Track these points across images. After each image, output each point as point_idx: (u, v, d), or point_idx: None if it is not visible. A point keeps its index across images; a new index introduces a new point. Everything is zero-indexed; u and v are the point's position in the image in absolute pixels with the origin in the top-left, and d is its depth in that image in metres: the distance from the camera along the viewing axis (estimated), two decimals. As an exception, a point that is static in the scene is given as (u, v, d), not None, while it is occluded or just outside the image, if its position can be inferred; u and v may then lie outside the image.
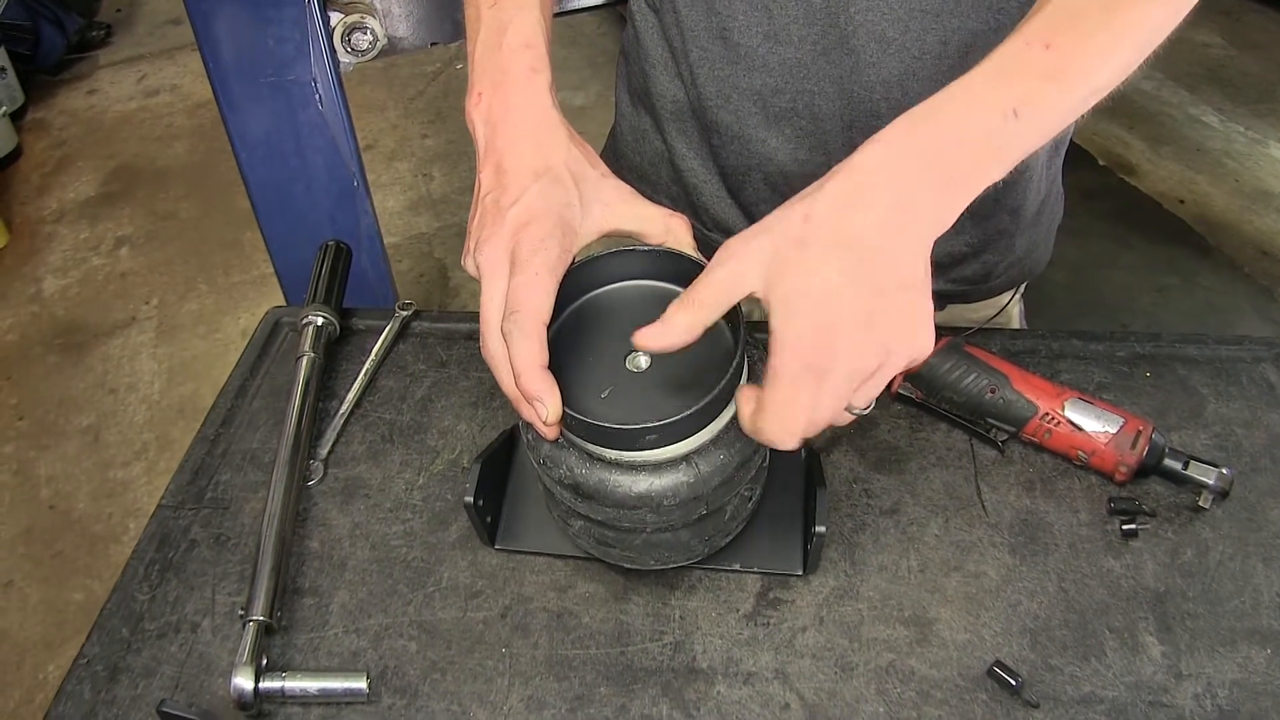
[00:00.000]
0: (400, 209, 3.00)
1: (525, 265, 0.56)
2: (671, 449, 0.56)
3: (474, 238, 0.60)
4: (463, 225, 3.01)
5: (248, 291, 2.62)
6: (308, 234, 1.67)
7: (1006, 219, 0.84)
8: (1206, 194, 2.76)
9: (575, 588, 0.69)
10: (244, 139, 1.46)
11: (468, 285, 2.72)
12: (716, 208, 0.87)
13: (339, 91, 1.50)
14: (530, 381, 0.54)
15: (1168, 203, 2.73)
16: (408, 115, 3.43)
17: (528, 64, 0.63)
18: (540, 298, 0.55)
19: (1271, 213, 2.67)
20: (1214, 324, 2.35)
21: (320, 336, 0.88)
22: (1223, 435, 0.78)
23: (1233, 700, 0.61)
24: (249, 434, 0.83)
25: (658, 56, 0.82)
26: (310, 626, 0.68)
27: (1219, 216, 2.67)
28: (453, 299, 2.70)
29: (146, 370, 2.38)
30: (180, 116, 3.33)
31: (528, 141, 0.61)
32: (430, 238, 2.91)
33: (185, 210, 2.90)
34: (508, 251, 0.57)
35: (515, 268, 0.56)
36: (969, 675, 0.63)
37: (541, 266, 0.56)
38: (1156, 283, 2.50)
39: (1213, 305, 2.40)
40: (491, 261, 0.57)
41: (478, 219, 0.60)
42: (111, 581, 0.73)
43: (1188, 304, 2.41)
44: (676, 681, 0.63)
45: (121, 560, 1.98)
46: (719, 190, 0.85)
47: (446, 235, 2.90)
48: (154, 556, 0.74)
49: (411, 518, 0.75)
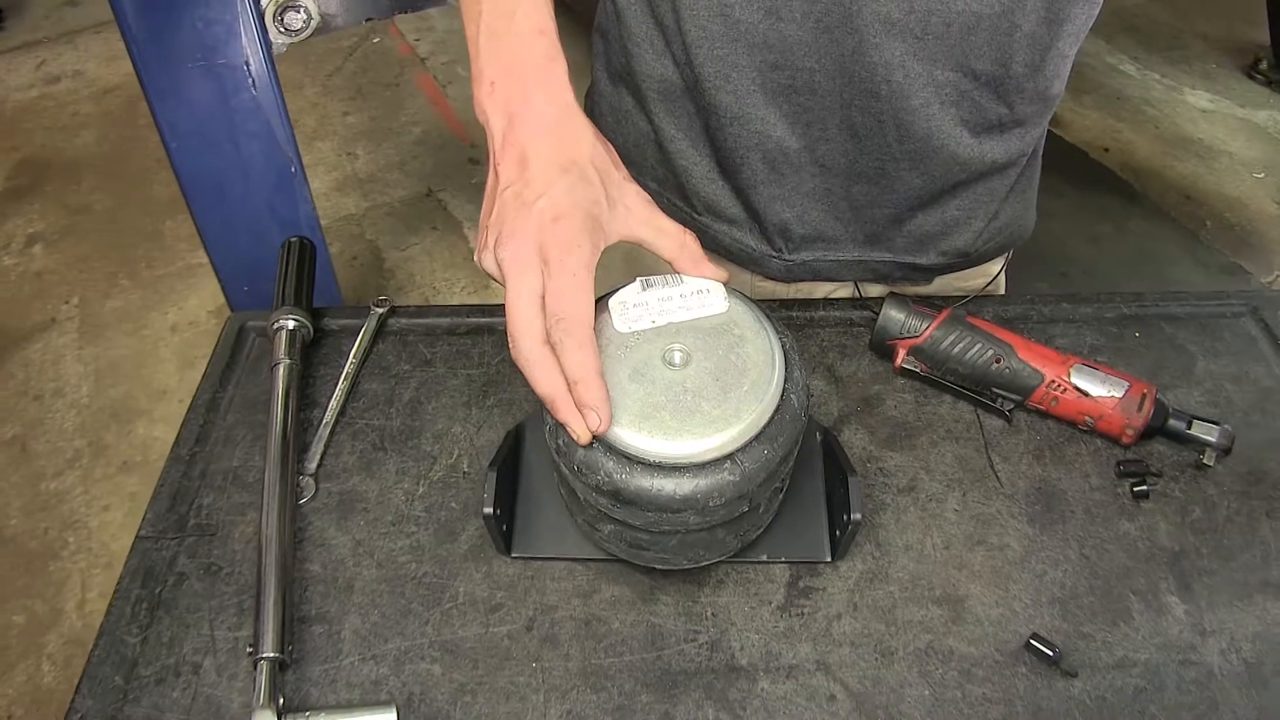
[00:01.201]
0: (326, 190, 2.89)
1: (561, 266, 0.53)
2: (716, 448, 0.54)
3: (493, 232, 0.57)
4: (393, 204, 2.94)
5: (174, 284, 2.49)
6: (245, 225, 1.59)
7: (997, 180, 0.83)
8: (1130, 141, 2.83)
9: (600, 592, 0.67)
10: (174, 128, 1.37)
11: (403, 267, 2.64)
12: (707, 190, 0.84)
13: (272, 74, 1.42)
14: (588, 390, 0.52)
15: (1094, 151, 2.80)
16: (327, 93, 3.30)
17: (543, 52, 0.60)
18: (585, 300, 0.53)
19: (1192, 157, 2.76)
20: (1148, 270, 2.42)
21: (295, 341, 0.83)
22: (1214, 391, 0.79)
23: (1257, 653, 0.63)
24: (227, 451, 0.78)
25: (643, 35, 0.78)
26: (323, 657, 0.64)
27: (1143, 163, 2.75)
28: (389, 280, 2.62)
29: (72, 373, 2.25)
30: (86, 104, 3.14)
31: (551, 134, 0.58)
32: (360, 218, 2.82)
33: (100, 202, 2.74)
34: (536, 248, 0.54)
35: (550, 268, 0.54)
36: (1006, 650, 0.63)
37: (578, 266, 0.53)
38: (1090, 231, 2.57)
39: (1145, 250, 2.48)
40: (517, 258, 0.55)
41: (496, 213, 0.57)
42: (54, 601, 0.69)
43: (1121, 250, 2.48)
44: (718, 682, 0.62)
45: (63, 578, 1.90)
46: (710, 171, 0.83)
47: (377, 215, 2.81)
48: (140, 594, 0.69)
49: (416, 530, 0.72)
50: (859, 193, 0.80)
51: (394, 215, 2.81)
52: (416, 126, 3.14)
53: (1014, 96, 0.73)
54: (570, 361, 0.53)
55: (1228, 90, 3.00)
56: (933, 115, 0.73)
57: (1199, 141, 2.82)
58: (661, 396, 0.55)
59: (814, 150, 0.77)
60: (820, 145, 0.77)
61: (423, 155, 3.02)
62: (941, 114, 0.73)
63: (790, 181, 0.80)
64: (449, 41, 3.56)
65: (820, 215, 0.82)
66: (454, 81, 3.33)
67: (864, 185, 0.79)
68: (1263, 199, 2.61)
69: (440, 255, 2.67)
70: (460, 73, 3.37)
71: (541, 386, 0.55)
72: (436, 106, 3.23)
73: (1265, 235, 2.50)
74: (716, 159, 0.81)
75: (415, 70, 3.41)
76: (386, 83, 3.37)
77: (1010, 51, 0.70)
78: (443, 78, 3.36)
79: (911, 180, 0.78)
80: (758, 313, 0.61)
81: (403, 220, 2.78)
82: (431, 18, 3.69)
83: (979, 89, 0.72)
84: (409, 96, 3.28)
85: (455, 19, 3.72)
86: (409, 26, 3.66)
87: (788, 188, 0.80)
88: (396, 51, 3.53)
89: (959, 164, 0.76)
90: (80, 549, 1.91)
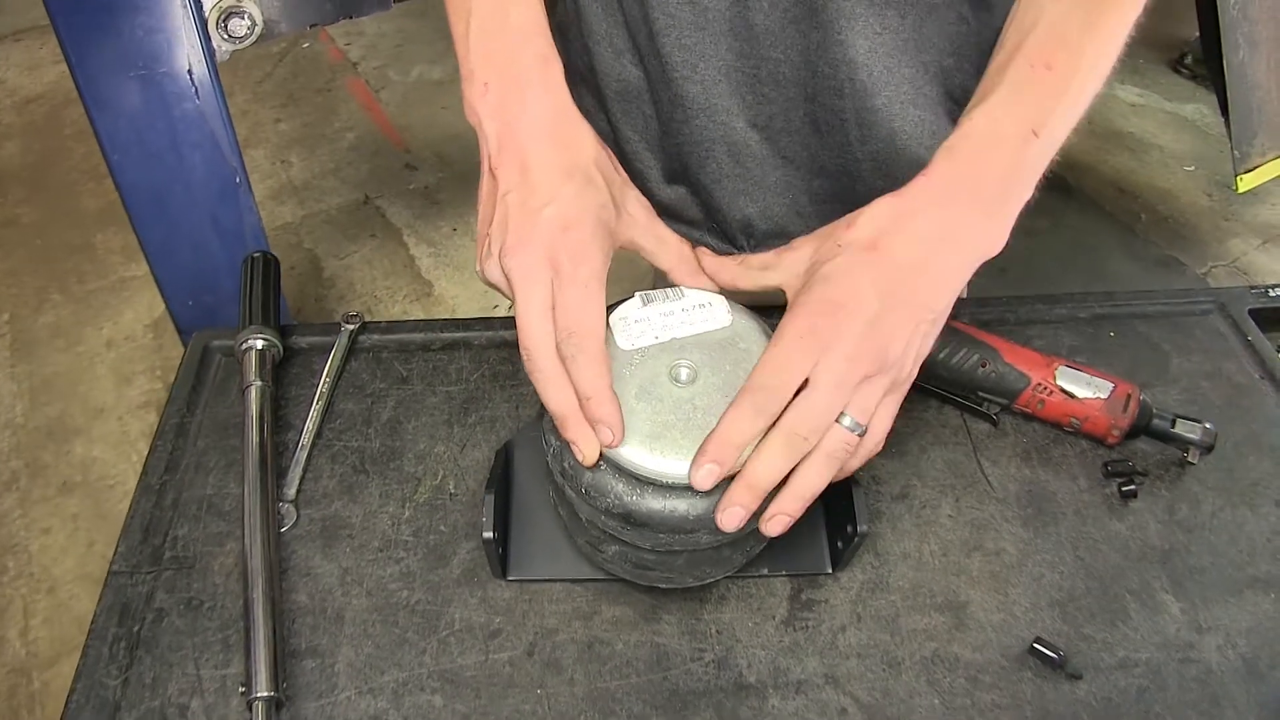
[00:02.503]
0: (261, 198, 2.81)
1: (572, 278, 0.52)
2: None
3: (497, 242, 0.55)
4: (330, 212, 2.87)
5: (107, 299, 2.40)
6: (188, 237, 1.54)
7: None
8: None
9: (600, 613, 0.66)
10: (114, 140, 1.31)
11: (343, 275, 2.59)
12: (663, 193, 0.84)
13: (215, 82, 1.37)
14: (599, 406, 0.51)
15: (1030, 147, 2.86)
16: (257, 99, 3.22)
17: (539, 53, 0.59)
18: (596, 314, 0.53)
19: (1124, 151, 2.84)
20: (1084, 262, 2.49)
21: (265, 361, 0.80)
22: (1191, 389, 0.81)
23: (1252, 647, 0.64)
24: (200, 479, 0.75)
25: (603, 33, 0.77)
26: (317, 693, 0.62)
27: (1077, 158, 2.82)
28: (329, 290, 2.57)
29: (5, 392, 2.15)
30: (8, 114, 3.00)
31: (551, 138, 0.57)
32: (297, 227, 2.75)
33: (26, 215, 2.62)
34: (545, 258, 0.53)
35: (560, 279, 0.52)
36: (1011, 655, 0.63)
37: (589, 277, 0.52)
38: (1026, 225, 2.56)
39: (1081, 244, 2.54)
40: (526, 269, 0.53)
41: (498, 221, 0.56)
42: None
43: (1059, 244, 2.54)
44: (728, 701, 0.61)
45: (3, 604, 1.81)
46: (666, 175, 0.83)
47: (314, 224, 2.75)
48: (117, 632, 0.65)
49: (405, 556, 0.69)
50: (820, 187, 0.80)
51: (331, 223, 2.75)
52: (350, 132, 3.08)
53: (961, 94, 0.74)
54: (582, 378, 0.52)
55: (1155, 85, 3.10)
56: (895, 115, 0.73)
57: (1130, 135, 2.90)
58: (671, 415, 0.54)
59: (777, 143, 0.77)
60: (783, 138, 0.76)
61: (358, 162, 2.96)
62: (903, 114, 0.73)
63: (754, 175, 0.80)
64: (380, 46, 3.49)
65: (783, 210, 0.82)
66: (386, 86, 3.27)
67: (825, 180, 0.79)
68: (1194, 192, 2.70)
69: (380, 263, 2.62)
70: (393, 77, 3.32)
71: (554, 404, 0.53)
72: (370, 112, 3.17)
73: (1198, 228, 2.59)
74: (680, 157, 0.81)
75: (347, 75, 3.34)
76: (318, 88, 3.30)
77: (960, 44, 0.71)
78: (375, 83, 3.30)
79: (872, 180, 0.78)
80: (761, 325, 0.60)
81: (340, 228, 2.73)
82: (362, 22, 3.62)
83: (930, 83, 0.73)
84: (341, 102, 3.21)
85: (385, 23, 3.66)
86: (339, 31, 3.59)
87: (751, 181, 0.80)
88: (327, 56, 3.46)
89: (919, 166, 0.77)
90: (21, 574, 1.82)
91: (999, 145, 0.58)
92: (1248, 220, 2.61)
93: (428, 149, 2.98)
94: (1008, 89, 0.59)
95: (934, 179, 0.58)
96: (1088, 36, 0.60)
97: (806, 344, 0.52)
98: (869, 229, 0.56)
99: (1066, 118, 0.60)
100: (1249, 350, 0.83)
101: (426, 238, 2.67)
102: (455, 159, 2.94)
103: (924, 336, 0.57)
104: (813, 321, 0.53)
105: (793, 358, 0.52)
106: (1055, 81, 0.59)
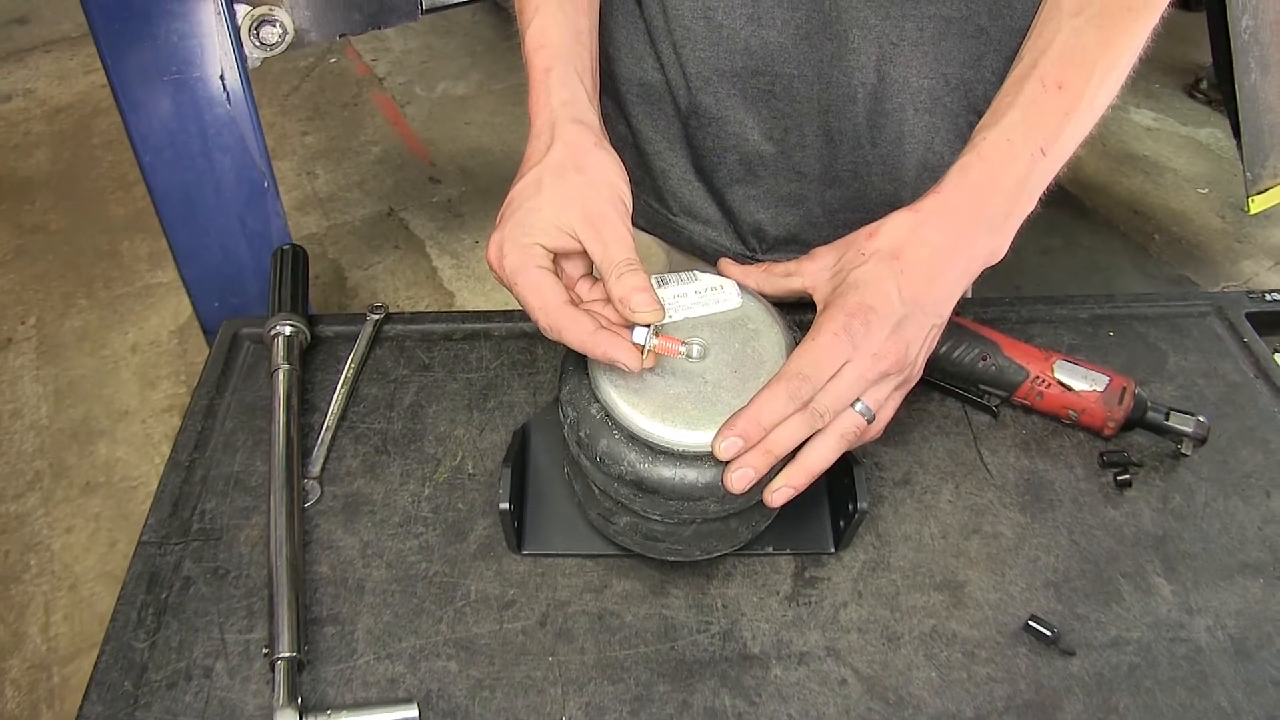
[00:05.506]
0: (287, 209, 2.81)
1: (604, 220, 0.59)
2: None
3: None
4: (354, 223, 2.93)
5: (133, 305, 2.45)
6: (216, 239, 1.58)
7: None
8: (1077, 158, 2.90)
9: (611, 587, 0.68)
10: (146, 142, 1.35)
11: (366, 285, 2.63)
12: (684, 191, 0.87)
13: (247, 88, 1.41)
14: (634, 274, 0.57)
15: (1044, 168, 2.88)
16: (284, 113, 3.28)
17: (541, 65, 0.65)
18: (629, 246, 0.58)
19: (1138, 173, 2.86)
20: (1097, 280, 2.50)
21: (293, 346, 0.83)
22: (1186, 386, 0.83)
23: (1240, 628, 0.66)
24: (227, 457, 0.78)
25: (624, 39, 0.81)
26: (337, 657, 0.65)
27: (1091, 179, 2.84)
28: (352, 299, 2.61)
29: (30, 394, 2.20)
30: (39, 123, 3.08)
31: (539, 139, 0.63)
32: (321, 237, 2.80)
33: (55, 222, 2.68)
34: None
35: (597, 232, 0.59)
36: (1006, 631, 0.65)
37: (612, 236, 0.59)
38: (1041, 244, 2.64)
39: (1095, 263, 2.56)
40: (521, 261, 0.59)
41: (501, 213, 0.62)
42: (17, 625, 0.68)
43: (1072, 263, 2.56)
44: (733, 670, 0.63)
45: (25, 601, 1.85)
46: (687, 173, 0.86)
47: (338, 234, 2.80)
48: (145, 599, 0.68)
49: (425, 531, 0.72)
50: (832, 197, 0.83)
51: (355, 234, 2.80)
52: (376, 146, 3.14)
53: (983, 105, 0.77)
54: (633, 282, 0.56)
55: (1171, 109, 3.12)
56: (906, 120, 0.76)
57: (1145, 158, 2.92)
58: (682, 388, 0.57)
59: (790, 156, 0.80)
60: (796, 152, 0.80)
61: (383, 174, 3.01)
62: (915, 120, 0.76)
63: (765, 184, 0.83)
64: (406, 62, 3.56)
65: (794, 219, 0.85)
66: (412, 101, 3.33)
67: (838, 190, 0.82)
68: (1207, 214, 2.71)
69: (403, 274, 2.66)
70: (418, 92, 3.38)
71: (579, 337, 0.56)
72: (395, 126, 3.23)
73: (1210, 248, 2.60)
74: (694, 159, 0.84)
75: (373, 90, 3.41)
76: (344, 102, 3.36)
77: (979, 56, 0.73)
78: (400, 97, 3.36)
79: (883, 186, 0.81)
80: (769, 308, 0.63)
81: (364, 239, 2.77)
82: (389, 38, 3.69)
83: (950, 94, 0.76)
84: (367, 116, 3.27)
85: (411, 39, 3.74)
86: (366, 46, 3.66)
87: (762, 190, 0.83)
88: (353, 71, 3.53)
89: (928, 170, 0.80)
90: (43, 572, 1.86)
91: (1010, 165, 0.63)
92: (1260, 242, 2.62)
93: (451, 163, 3.03)
94: (1021, 110, 0.63)
95: (947, 196, 0.62)
96: (1100, 55, 0.64)
97: (841, 341, 0.57)
98: (891, 239, 0.61)
99: (1074, 135, 0.65)
100: (1245, 351, 0.85)
101: (449, 249, 2.71)
102: (478, 173, 2.99)
103: (933, 338, 0.63)
104: (847, 321, 0.58)
105: (829, 351, 0.57)
106: (1066, 101, 0.63)
